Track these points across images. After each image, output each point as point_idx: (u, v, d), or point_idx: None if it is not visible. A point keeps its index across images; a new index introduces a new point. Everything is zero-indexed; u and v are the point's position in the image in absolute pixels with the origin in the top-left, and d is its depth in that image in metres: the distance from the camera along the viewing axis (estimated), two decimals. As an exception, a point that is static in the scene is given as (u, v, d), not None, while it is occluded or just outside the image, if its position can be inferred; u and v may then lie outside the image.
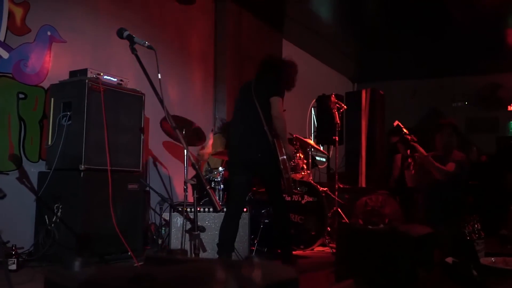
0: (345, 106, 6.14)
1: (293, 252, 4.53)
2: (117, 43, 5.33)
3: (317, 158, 8.15)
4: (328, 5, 8.03)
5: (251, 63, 7.51)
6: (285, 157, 4.03)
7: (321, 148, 8.50)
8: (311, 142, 5.84)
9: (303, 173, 5.32)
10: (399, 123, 4.87)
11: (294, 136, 5.52)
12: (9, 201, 3.63)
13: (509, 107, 10.53)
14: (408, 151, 4.84)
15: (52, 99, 4.51)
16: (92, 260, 4.08)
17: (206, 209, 4.47)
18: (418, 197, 6.06)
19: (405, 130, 5.05)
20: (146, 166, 5.71)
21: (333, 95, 6.04)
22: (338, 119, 5.81)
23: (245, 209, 4.44)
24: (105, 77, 4.49)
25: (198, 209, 4.42)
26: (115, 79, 4.62)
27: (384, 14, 7.92)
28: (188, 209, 4.37)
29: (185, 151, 4.88)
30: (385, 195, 5.72)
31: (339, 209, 5.67)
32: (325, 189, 5.45)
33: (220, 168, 4.96)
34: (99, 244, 4.14)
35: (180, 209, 4.35)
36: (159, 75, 2.68)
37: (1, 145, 4.41)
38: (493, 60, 9.67)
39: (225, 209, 4.20)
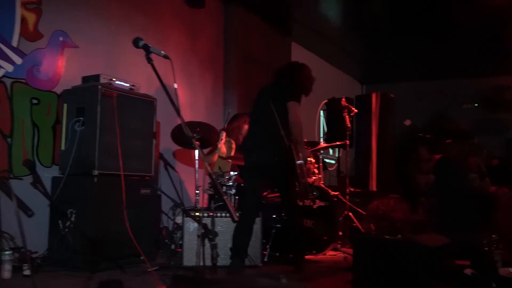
0: (355, 110, 6.12)
1: (305, 257, 4.52)
2: (128, 48, 5.33)
3: (326, 160, 8.15)
4: (336, 8, 8.03)
5: (260, 65, 7.54)
6: (302, 161, 4.05)
7: (330, 151, 8.50)
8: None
9: (314, 177, 5.31)
10: (412, 122, 4.77)
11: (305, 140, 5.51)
12: (12, 204, 3.64)
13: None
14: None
15: (65, 104, 4.53)
16: (106, 264, 4.11)
17: (219, 214, 4.48)
18: (426, 201, 6.02)
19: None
20: (157, 170, 5.73)
21: (344, 99, 6.03)
22: (349, 123, 5.80)
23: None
24: (117, 82, 4.52)
25: (211, 214, 4.43)
26: (127, 84, 4.64)
27: (391, 15, 7.91)
28: (200, 214, 4.39)
29: (196, 154, 4.91)
30: (397, 199, 5.71)
31: (350, 213, 5.66)
32: (336, 193, 5.44)
33: (232, 173, 4.97)
34: (112, 249, 4.16)
35: (192, 214, 4.36)
36: (175, 84, 2.70)
37: (15, 150, 4.44)
38: (502, 62, 9.61)
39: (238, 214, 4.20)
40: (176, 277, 1.53)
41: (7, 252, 3.75)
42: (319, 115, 8.93)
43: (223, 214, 4.49)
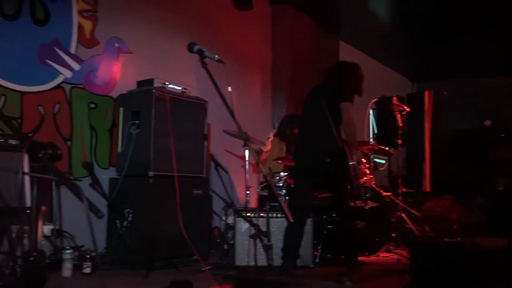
0: (407, 109, 5.99)
1: (358, 258, 4.47)
2: (179, 52, 5.49)
3: (376, 160, 8.01)
4: (385, 5, 7.89)
5: (308, 65, 7.51)
6: (355, 162, 4.01)
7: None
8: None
9: (365, 177, 5.24)
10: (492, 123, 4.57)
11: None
12: (83, 206, 3.79)
13: None
14: None
15: (121, 108, 4.69)
16: (161, 263, 4.22)
17: (270, 214, 4.50)
18: (482, 202, 5.84)
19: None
20: (208, 171, 5.82)
21: (395, 97, 5.91)
22: (400, 122, 5.69)
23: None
24: (170, 86, 4.63)
25: (262, 214, 4.45)
26: (179, 88, 4.75)
27: (442, 11, 7.68)
28: (252, 214, 4.43)
29: (246, 156, 4.95)
30: (451, 200, 5.53)
31: (403, 214, 5.55)
32: (388, 194, 5.34)
33: (282, 173, 4.98)
34: (167, 248, 4.28)
35: (244, 214, 4.40)
36: (229, 88, 2.74)
37: (75, 153, 4.64)
38: None
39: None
40: (239, 279, 1.55)
41: (68, 251, 3.90)
42: (369, 115, 8.79)
43: (275, 215, 4.50)
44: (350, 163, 4.01)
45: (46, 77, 4.48)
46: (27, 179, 2.77)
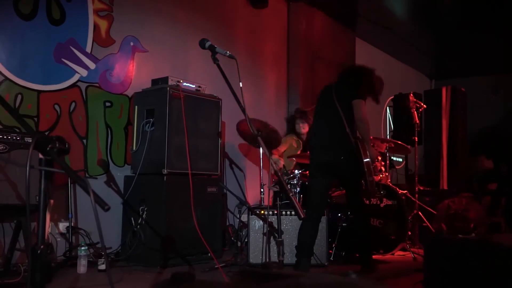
0: (424, 106, 5.91)
1: (373, 257, 4.43)
2: (194, 50, 5.50)
3: (393, 158, 7.93)
4: (402, 1, 7.80)
5: (324, 63, 7.47)
6: (369, 159, 3.98)
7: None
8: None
9: (381, 175, 5.19)
10: None
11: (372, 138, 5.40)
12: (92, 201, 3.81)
13: None
14: None
15: (136, 106, 4.72)
16: (175, 260, 4.24)
17: (284, 212, 4.49)
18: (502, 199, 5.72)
19: None
20: (223, 169, 5.83)
21: (412, 94, 5.84)
22: (417, 119, 5.62)
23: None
24: (184, 84, 4.65)
25: (276, 212, 4.44)
26: (194, 86, 4.76)
27: (461, 6, 7.56)
28: (265, 212, 4.42)
29: (260, 154, 4.95)
30: (469, 198, 5.44)
31: (419, 213, 5.48)
32: (404, 191, 5.28)
33: (296, 171, 4.96)
34: (181, 245, 4.30)
35: (258, 212, 4.40)
36: (240, 83, 2.73)
37: (90, 151, 4.68)
38: None
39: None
40: (242, 271, 1.55)
41: (83, 248, 3.95)
42: (386, 112, 8.70)
43: (289, 212, 4.49)
44: (364, 160, 3.97)
45: (62, 76, 4.52)
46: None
